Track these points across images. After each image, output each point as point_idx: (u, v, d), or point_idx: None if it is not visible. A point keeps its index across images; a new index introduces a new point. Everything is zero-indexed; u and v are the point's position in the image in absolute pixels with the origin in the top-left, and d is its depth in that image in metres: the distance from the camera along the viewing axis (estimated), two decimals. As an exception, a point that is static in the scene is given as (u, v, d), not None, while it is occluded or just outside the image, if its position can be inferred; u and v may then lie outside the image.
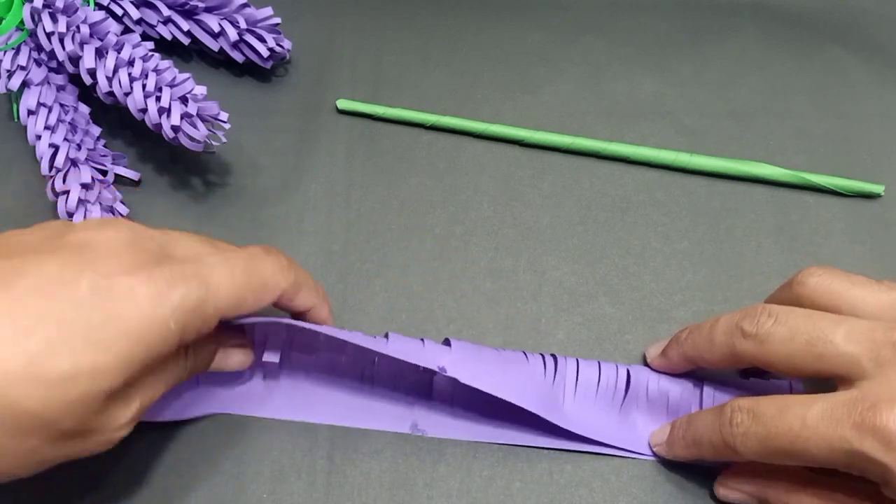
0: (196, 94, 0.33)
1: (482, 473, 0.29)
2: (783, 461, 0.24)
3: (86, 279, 0.21)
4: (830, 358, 0.24)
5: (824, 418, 0.23)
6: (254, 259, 0.26)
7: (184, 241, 0.26)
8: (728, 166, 0.37)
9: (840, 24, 0.43)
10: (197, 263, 0.24)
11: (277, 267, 0.26)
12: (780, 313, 0.26)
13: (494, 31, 0.43)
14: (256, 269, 0.26)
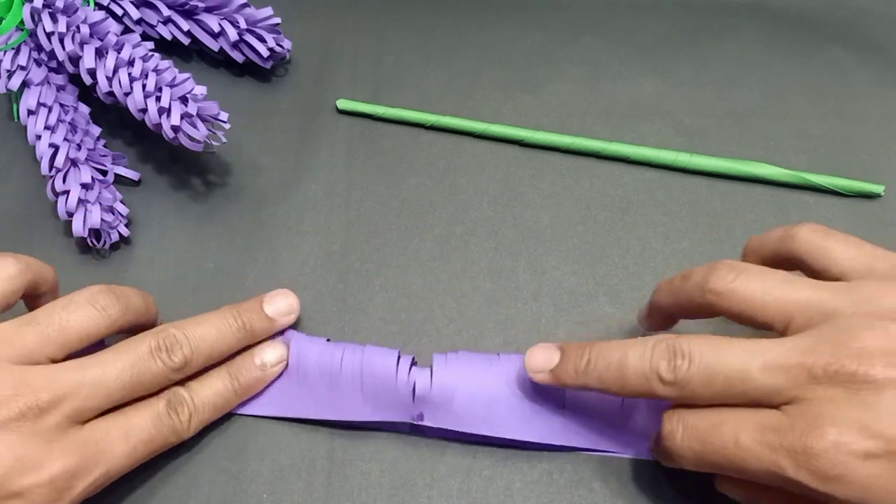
0: (196, 94, 0.33)
1: (482, 473, 0.29)
2: (721, 472, 0.25)
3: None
4: (753, 392, 0.24)
5: (757, 443, 0.23)
6: (157, 431, 0.27)
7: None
8: (728, 166, 0.37)
9: (840, 24, 0.43)
10: (100, 447, 0.25)
11: (180, 427, 0.28)
12: (692, 350, 0.25)
13: (494, 31, 0.43)
14: (158, 441, 0.27)
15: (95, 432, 0.25)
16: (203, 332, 0.28)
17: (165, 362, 0.27)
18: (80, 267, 0.34)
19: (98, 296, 0.27)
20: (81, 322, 0.26)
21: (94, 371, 0.25)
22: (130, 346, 0.26)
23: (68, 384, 0.25)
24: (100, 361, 0.26)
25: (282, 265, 0.35)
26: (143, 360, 0.26)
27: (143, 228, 0.36)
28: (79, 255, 0.35)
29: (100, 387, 0.25)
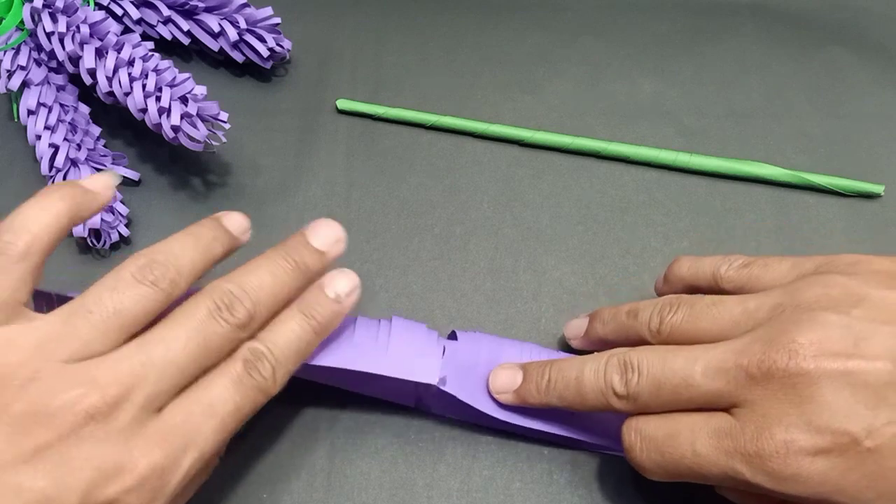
0: (196, 94, 0.33)
1: (482, 473, 0.30)
2: (685, 480, 0.25)
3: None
4: (699, 398, 0.24)
5: (714, 450, 0.23)
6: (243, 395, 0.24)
7: None
8: (728, 166, 0.37)
9: (840, 24, 0.43)
10: (184, 432, 0.22)
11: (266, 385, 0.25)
12: (641, 363, 0.25)
13: (494, 31, 0.43)
14: (247, 407, 0.24)
15: (175, 416, 0.22)
16: (258, 280, 0.25)
17: (229, 321, 0.24)
18: (80, 267, 0.34)
19: (145, 270, 0.23)
20: (136, 301, 0.23)
21: (157, 349, 0.22)
22: (187, 312, 0.24)
23: (134, 370, 0.22)
24: (161, 337, 0.23)
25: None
26: (206, 324, 0.23)
27: (143, 228, 0.36)
28: (79, 255, 0.35)
29: (168, 365, 0.22)
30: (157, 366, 0.22)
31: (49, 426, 0.21)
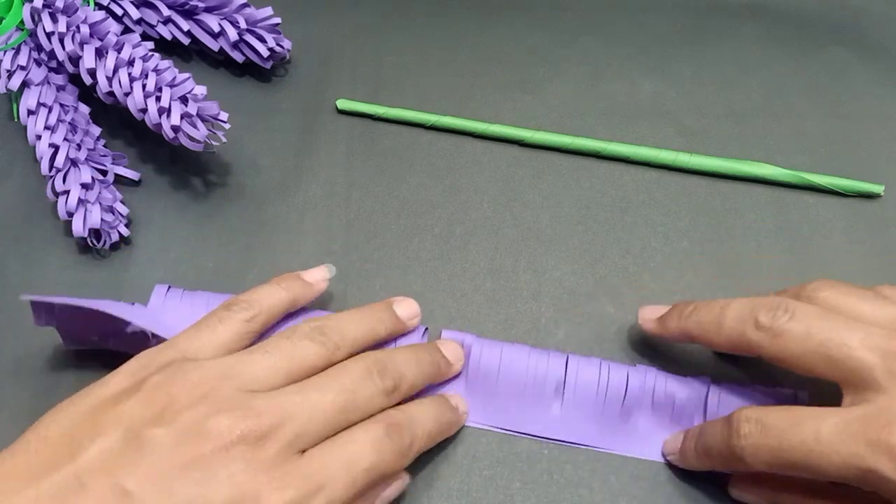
0: (196, 94, 0.33)
1: (482, 473, 0.29)
2: (793, 473, 0.24)
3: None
4: (843, 362, 0.24)
5: (839, 434, 0.23)
6: (379, 458, 0.25)
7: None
8: (728, 166, 0.37)
9: (840, 24, 0.43)
10: (321, 477, 0.24)
11: (401, 453, 0.26)
12: (797, 309, 0.25)
13: (494, 31, 0.43)
14: (378, 471, 0.25)
15: (313, 463, 0.24)
16: (406, 361, 0.28)
17: (378, 385, 0.26)
18: (80, 267, 0.34)
19: (316, 332, 0.27)
20: (304, 353, 0.26)
21: (312, 394, 0.25)
22: (345, 369, 0.26)
23: (289, 408, 0.24)
24: (318, 385, 0.26)
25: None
26: (358, 382, 0.26)
27: (143, 228, 0.36)
28: (79, 255, 0.35)
29: (318, 410, 0.25)
30: (309, 408, 0.25)
31: (207, 440, 0.23)
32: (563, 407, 0.30)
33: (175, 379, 0.25)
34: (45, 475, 0.22)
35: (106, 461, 0.23)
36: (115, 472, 0.22)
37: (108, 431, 0.23)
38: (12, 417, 0.31)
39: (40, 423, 0.24)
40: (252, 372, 0.25)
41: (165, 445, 0.23)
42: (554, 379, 0.30)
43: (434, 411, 0.28)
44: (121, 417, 0.24)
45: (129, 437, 0.23)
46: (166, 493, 0.22)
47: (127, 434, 0.23)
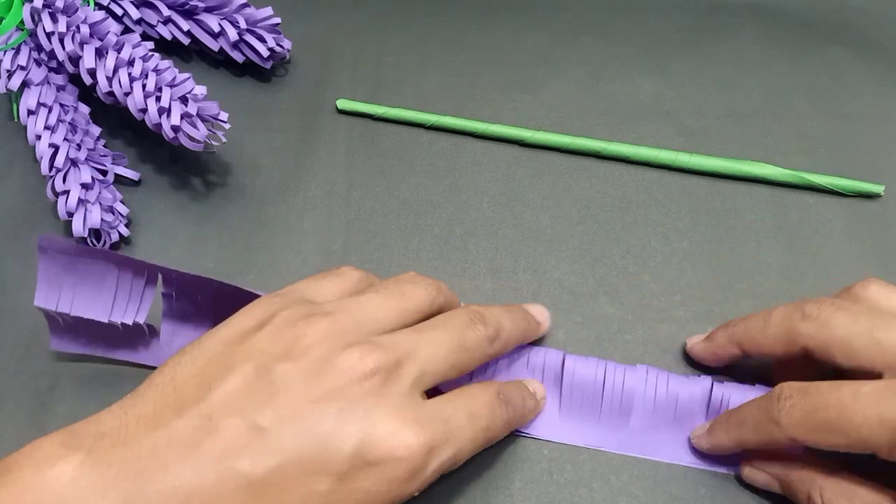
0: (196, 94, 0.33)
1: (482, 474, 0.29)
2: (824, 438, 0.24)
3: (346, 457, 0.22)
4: (891, 345, 0.24)
5: (878, 393, 0.23)
6: (493, 420, 0.26)
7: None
8: (728, 166, 0.37)
9: (840, 24, 0.43)
10: (449, 427, 0.24)
11: (507, 422, 0.27)
12: (843, 303, 0.26)
13: (494, 31, 0.43)
14: (491, 432, 0.26)
15: (443, 410, 0.24)
16: (500, 311, 0.28)
17: (480, 331, 0.26)
18: (80, 267, 0.34)
19: (421, 277, 0.28)
20: (417, 294, 0.27)
21: (427, 334, 0.25)
22: (449, 317, 0.27)
23: (409, 345, 0.25)
24: (431, 325, 0.26)
25: (282, 265, 0.35)
26: (463, 329, 0.26)
27: (143, 228, 0.36)
28: (79, 255, 0.35)
29: (437, 347, 0.25)
30: (427, 346, 0.25)
31: (337, 375, 0.23)
32: (560, 408, 0.30)
33: (299, 316, 0.25)
34: (175, 417, 0.22)
35: (237, 399, 0.23)
36: (247, 410, 0.22)
37: (237, 369, 0.23)
38: (12, 417, 0.31)
39: (166, 367, 0.24)
40: (372, 311, 0.26)
41: (296, 380, 0.23)
42: (552, 374, 0.30)
43: (525, 392, 0.29)
44: (249, 354, 0.24)
45: (259, 374, 0.23)
46: (300, 428, 0.22)
47: (257, 370, 0.23)
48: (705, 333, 0.31)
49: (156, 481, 0.21)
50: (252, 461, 0.22)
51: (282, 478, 0.22)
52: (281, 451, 0.22)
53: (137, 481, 0.21)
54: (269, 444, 0.22)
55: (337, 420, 0.22)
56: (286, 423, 0.22)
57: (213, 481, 0.21)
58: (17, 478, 0.21)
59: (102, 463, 0.22)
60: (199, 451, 0.22)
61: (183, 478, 0.21)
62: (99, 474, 0.21)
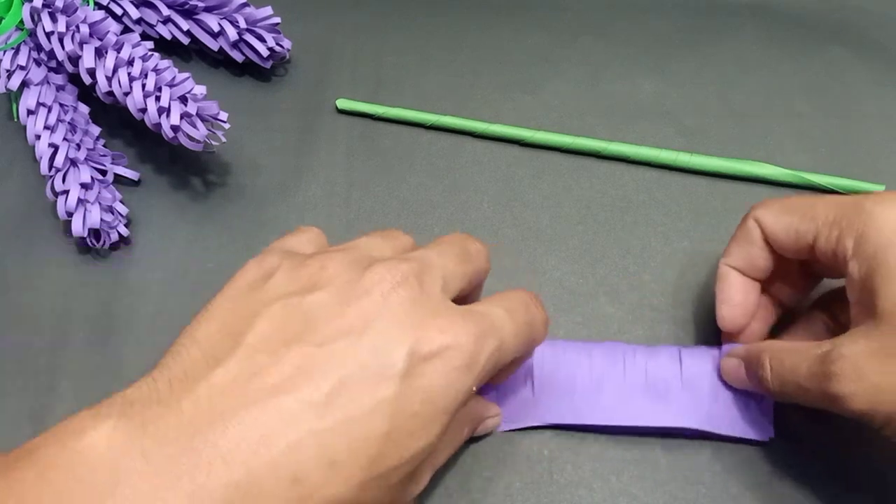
0: (196, 94, 0.33)
1: (482, 474, 0.29)
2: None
3: (400, 360, 0.21)
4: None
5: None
6: (532, 316, 0.26)
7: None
8: (728, 166, 0.37)
9: (840, 24, 0.43)
10: (491, 320, 0.24)
11: (545, 321, 0.27)
12: None
13: (494, 31, 0.42)
14: (533, 328, 0.26)
15: (479, 307, 0.24)
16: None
17: (474, 244, 0.27)
18: (79, 267, 0.34)
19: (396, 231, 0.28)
20: (401, 236, 0.27)
21: (432, 250, 0.25)
22: (437, 242, 0.27)
23: (423, 258, 0.24)
24: (428, 246, 0.26)
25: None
26: (460, 242, 0.26)
27: (142, 228, 0.36)
28: (78, 254, 0.35)
29: (447, 258, 0.25)
30: (439, 257, 0.25)
31: (370, 291, 0.22)
32: (535, 391, 0.30)
33: (304, 258, 0.24)
34: (210, 370, 0.21)
35: (273, 338, 0.22)
36: (288, 342, 0.21)
37: (262, 314, 0.22)
38: (12, 417, 0.31)
39: (183, 336, 0.23)
40: (367, 247, 0.26)
41: (331, 305, 0.22)
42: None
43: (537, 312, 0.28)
44: (270, 298, 0.23)
45: (287, 311, 0.22)
46: (351, 341, 0.21)
47: (284, 308, 0.22)
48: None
49: (204, 432, 0.20)
50: (310, 386, 0.21)
51: (347, 392, 0.21)
52: (338, 367, 0.21)
53: (182, 436, 0.20)
54: (323, 367, 0.21)
55: (386, 327, 0.22)
56: (334, 341, 0.21)
57: (274, 421, 0.20)
58: (42, 456, 0.19)
59: (137, 425, 0.20)
60: (248, 395, 0.20)
61: (237, 425, 0.20)
62: (135, 436, 0.20)
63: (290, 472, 0.20)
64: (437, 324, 0.22)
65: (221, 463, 0.19)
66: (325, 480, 0.20)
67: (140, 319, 0.33)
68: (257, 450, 0.20)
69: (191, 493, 0.19)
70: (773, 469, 0.29)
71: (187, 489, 0.19)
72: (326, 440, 0.20)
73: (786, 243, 0.28)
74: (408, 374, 0.21)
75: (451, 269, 0.25)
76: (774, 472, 0.29)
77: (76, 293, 0.34)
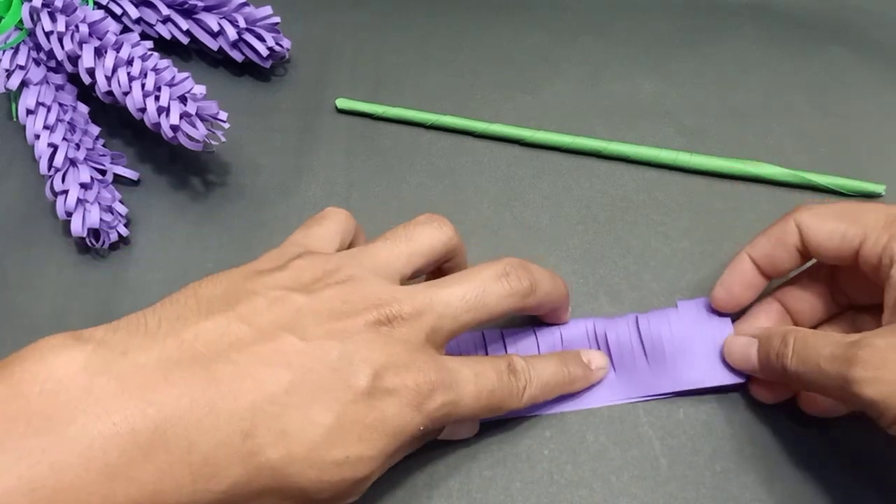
0: (195, 94, 0.33)
1: (482, 473, 0.29)
2: None
3: (364, 377, 0.23)
4: None
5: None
6: (499, 386, 0.27)
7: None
8: (728, 166, 0.37)
9: (840, 24, 0.43)
10: (454, 377, 0.25)
11: (517, 392, 0.27)
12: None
13: (494, 31, 0.42)
14: (498, 396, 0.27)
15: (448, 363, 0.26)
16: (540, 275, 0.28)
17: (510, 284, 0.27)
18: (79, 267, 0.34)
19: (433, 216, 0.28)
20: (424, 236, 0.27)
21: (443, 291, 0.26)
22: (476, 269, 0.27)
23: (424, 300, 0.25)
24: (448, 283, 0.26)
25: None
26: (489, 281, 0.27)
27: (142, 228, 0.36)
28: (78, 254, 0.35)
29: (448, 306, 0.26)
30: (440, 304, 0.26)
31: (353, 316, 0.24)
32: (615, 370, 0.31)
33: (315, 264, 0.26)
34: (203, 319, 0.23)
35: (264, 312, 0.24)
36: (277, 319, 0.23)
37: (260, 293, 0.24)
38: (11, 417, 0.30)
39: (186, 288, 0.25)
40: (375, 256, 0.26)
41: (322, 314, 0.24)
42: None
43: (555, 365, 0.29)
44: (271, 284, 0.24)
45: (286, 300, 0.24)
46: (328, 353, 0.23)
47: (284, 298, 0.24)
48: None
49: (182, 369, 0.22)
50: (283, 366, 0.23)
51: (312, 381, 0.23)
52: (312, 360, 0.23)
53: (159, 368, 0.21)
54: (300, 355, 0.23)
55: (361, 348, 0.24)
56: (316, 341, 0.23)
57: (244, 380, 0.22)
58: (19, 370, 0.21)
59: (117, 351, 0.21)
60: (228, 352, 0.22)
61: (212, 373, 0.22)
62: (112, 360, 0.21)
63: (245, 427, 0.22)
64: (405, 363, 0.24)
65: (189, 401, 0.21)
66: (272, 444, 0.22)
67: (139, 319, 0.33)
68: (224, 398, 0.22)
69: (158, 421, 0.21)
70: (773, 469, 0.29)
71: (155, 416, 0.21)
72: (283, 412, 0.22)
73: (828, 248, 0.27)
74: (368, 392, 0.23)
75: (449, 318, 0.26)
76: (774, 471, 0.29)
77: (76, 293, 0.34)
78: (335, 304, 0.24)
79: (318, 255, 0.26)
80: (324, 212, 0.29)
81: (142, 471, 0.20)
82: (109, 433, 0.20)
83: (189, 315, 0.23)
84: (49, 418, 0.20)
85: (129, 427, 0.20)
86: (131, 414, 0.20)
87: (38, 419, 0.20)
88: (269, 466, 0.22)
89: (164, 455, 0.21)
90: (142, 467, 0.20)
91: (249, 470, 0.22)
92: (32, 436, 0.20)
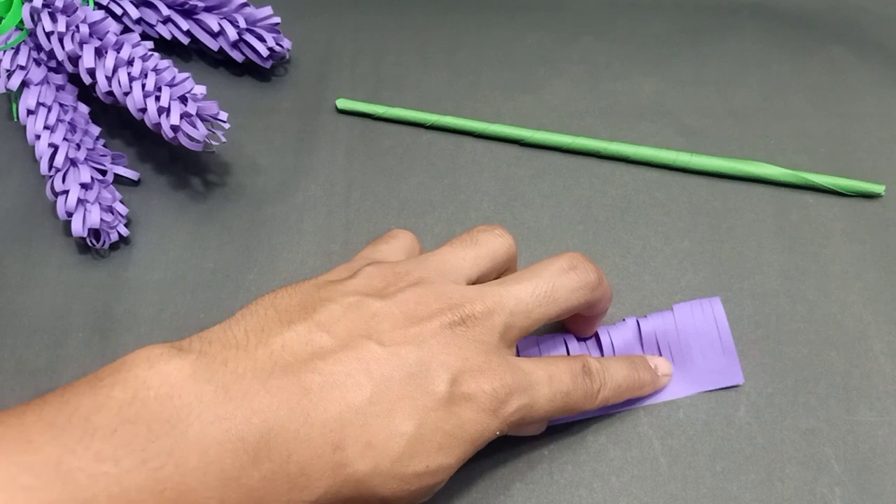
0: (195, 94, 0.33)
1: (483, 473, 0.29)
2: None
3: (443, 383, 0.24)
4: None
5: None
6: (574, 388, 0.27)
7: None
8: (728, 166, 0.37)
9: (840, 24, 0.43)
10: (529, 379, 0.26)
11: (591, 394, 0.28)
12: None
13: (494, 31, 0.42)
14: (573, 398, 0.27)
15: (523, 365, 0.26)
16: (596, 269, 0.28)
17: (577, 276, 0.27)
18: (79, 267, 0.34)
19: (493, 225, 0.29)
20: (489, 242, 0.28)
21: (512, 287, 0.26)
22: (543, 265, 0.27)
23: (495, 298, 0.26)
24: (516, 279, 0.27)
25: (282, 265, 0.35)
26: (557, 275, 0.27)
27: (142, 228, 0.36)
28: (78, 254, 0.35)
29: (520, 302, 0.26)
30: (511, 300, 0.26)
31: (428, 320, 0.25)
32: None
33: (386, 269, 0.26)
34: (286, 329, 0.23)
35: (345, 318, 0.24)
36: (359, 325, 0.24)
37: (336, 300, 0.24)
38: (11, 417, 0.30)
39: (262, 299, 0.25)
40: (444, 261, 0.27)
41: (398, 316, 0.24)
42: None
43: (627, 368, 0.29)
44: (351, 289, 0.25)
45: (361, 305, 0.24)
46: (405, 358, 0.24)
47: (360, 303, 0.24)
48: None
49: (277, 377, 0.22)
50: (364, 375, 0.23)
51: (393, 390, 0.23)
52: (391, 367, 0.23)
53: (258, 378, 0.22)
54: (379, 361, 0.23)
55: (437, 353, 0.24)
56: (394, 345, 0.24)
57: (331, 390, 0.22)
58: (131, 375, 0.21)
59: (217, 361, 0.22)
60: (313, 360, 0.23)
61: (304, 382, 0.22)
62: (216, 370, 0.22)
63: (335, 439, 0.22)
64: (480, 367, 0.24)
65: (287, 411, 0.22)
66: (360, 457, 0.22)
67: (140, 319, 0.33)
68: (315, 408, 0.22)
69: (262, 430, 0.21)
70: (773, 469, 0.29)
71: (260, 425, 0.21)
72: (367, 422, 0.22)
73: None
74: (447, 399, 0.24)
75: (521, 315, 0.26)
76: (774, 471, 0.29)
77: (76, 293, 0.34)
78: (409, 307, 0.25)
79: (387, 262, 0.27)
80: (390, 231, 0.30)
81: (250, 478, 0.21)
82: (223, 439, 0.21)
83: (272, 325, 0.24)
84: (168, 420, 0.20)
85: (239, 434, 0.21)
86: (239, 422, 0.21)
87: (158, 422, 0.20)
88: (355, 479, 0.22)
89: (267, 463, 0.21)
90: (250, 475, 0.21)
91: (337, 481, 0.22)
92: (155, 438, 0.20)
